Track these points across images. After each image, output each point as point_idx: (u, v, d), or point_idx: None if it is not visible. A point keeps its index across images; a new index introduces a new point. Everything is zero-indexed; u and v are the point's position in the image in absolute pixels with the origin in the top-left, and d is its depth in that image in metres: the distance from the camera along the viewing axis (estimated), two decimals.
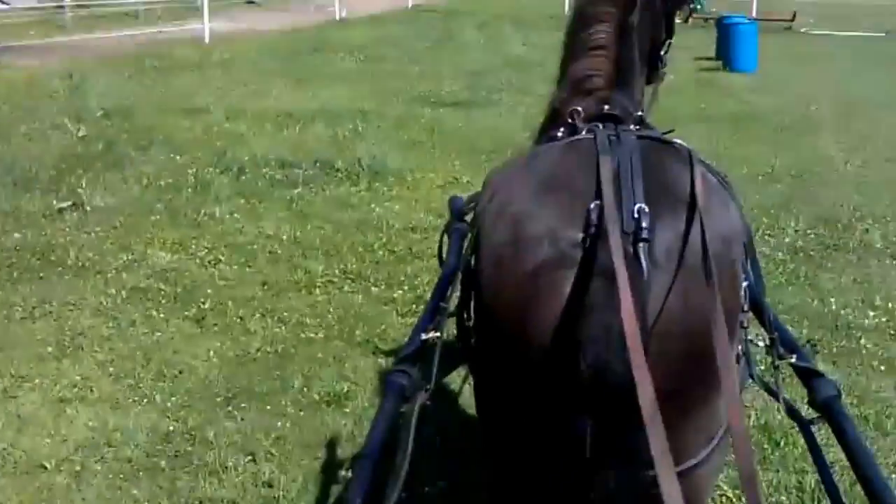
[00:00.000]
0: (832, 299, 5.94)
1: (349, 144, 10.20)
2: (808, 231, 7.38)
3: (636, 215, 1.87)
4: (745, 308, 2.19)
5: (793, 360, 2.27)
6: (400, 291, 6.04)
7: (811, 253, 6.90)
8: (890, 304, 5.86)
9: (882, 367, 5.02)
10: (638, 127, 2.37)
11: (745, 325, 2.21)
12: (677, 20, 3.28)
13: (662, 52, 2.97)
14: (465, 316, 2.22)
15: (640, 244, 1.84)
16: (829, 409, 2.12)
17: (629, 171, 1.97)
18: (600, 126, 2.22)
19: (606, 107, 2.42)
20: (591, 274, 1.83)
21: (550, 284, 1.89)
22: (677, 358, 1.86)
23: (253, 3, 30.19)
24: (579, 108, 2.37)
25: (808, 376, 2.24)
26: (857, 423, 2.17)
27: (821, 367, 4.83)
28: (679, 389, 1.85)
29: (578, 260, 1.87)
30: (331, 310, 5.75)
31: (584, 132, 2.22)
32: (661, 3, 2.84)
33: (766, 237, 7.20)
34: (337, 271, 6.39)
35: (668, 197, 1.95)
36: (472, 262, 2.12)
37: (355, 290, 6.09)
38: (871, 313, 5.74)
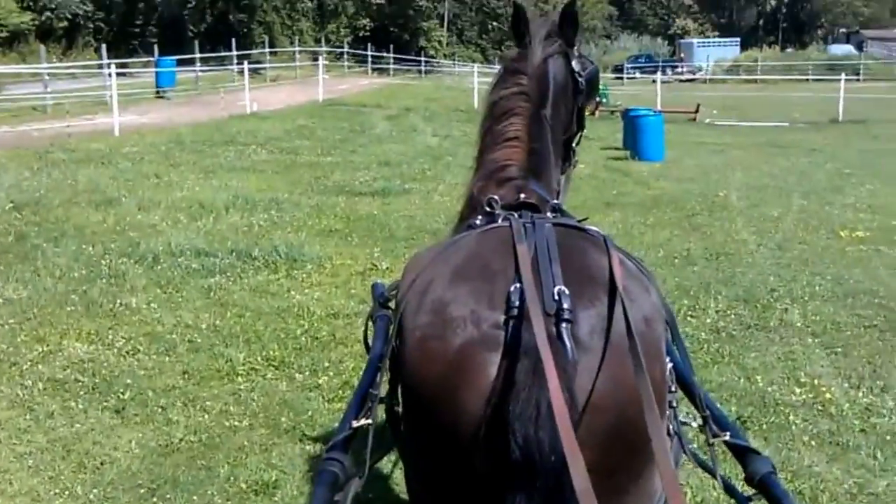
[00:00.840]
0: (758, 377, 6.00)
1: (265, 233, 10.11)
2: (729, 311, 7.48)
3: (556, 297, 1.90)
4: (673, 388, 2.25)
5: (726, 438, 2.28)
6: (325, 377, 5.92)
7: (733, 332, 6.98)
8: (815, 381, 5.93)
9: (813, 443, 5.04)
10: (555, 214, 2.45)
11: (675, 404, 2.25)
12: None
13: (574, 144, 3.17)
14: (394, 401, 2.23)
15: (563, 324, 1.87)
16: (766, 485, 2.14)
17: (546, 256, 2.02)
18: (516, 214, 2.28)
19: (522, 195, 2.52)
20: (515, 354, 1.85)
21: (475, 366, 1.90)
22: (606, 435, 1.87)
23: (163, 97, 30.09)
24: (496, 197, 2.44)
25: (743, 453, 2.26)
26: (793, 497, 2.16)
27: (752, 444, 4.91)
28: (611, 467, 1.86)
29: (502, 341, 1.89)
30: (254, 397, 5.60)
31: (500, 219, 2.29)
32: (573, 97, 2.99)
33: (689, 318, 7.29)
34: (259, 359, 6.24)
35: (586, 279, 2.00)
36: (397, 346, 2.12)
37: (279, 378, 5.94)
38: (798, 390, 5.80)
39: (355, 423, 2.23)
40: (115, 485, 4.50)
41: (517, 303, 1.88)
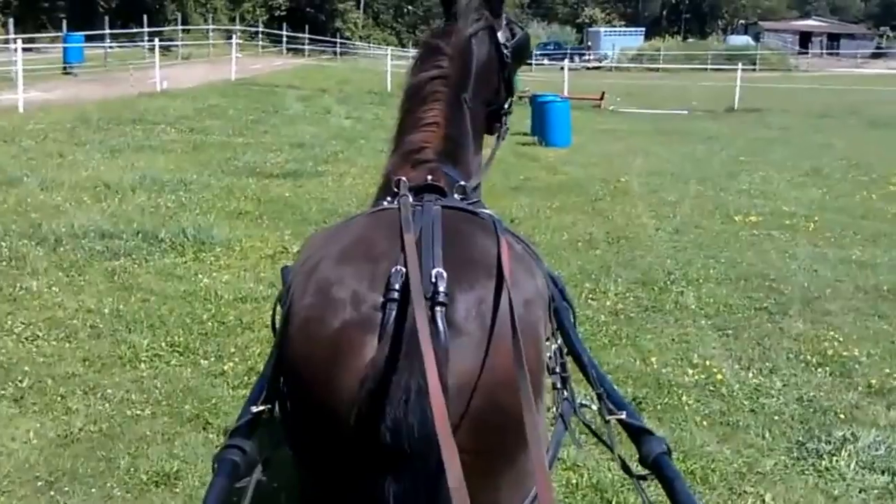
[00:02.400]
0: (653, 359, 6.20)
1: (173, 215, 9.98)
2: (627, 294, 7.71)
3: (434, 280, 1.91)
4: (558, 369, 2.30)
5: (622, 417, 2.30)
6: (231, 364, 5.85)
7: (631, 315, 7.20)
8: (707, 362, 6.15)
9: (704, 423, 5.24)
10: (462, 197, 2.50)
11: (559, 386, 2.31)
12: None
13: (507, 108, 3.11)
14: (280, 382, 2.20)
15: (438, 307, 1.88)
16: (659, 466, 2.15)
17: (430, 239, 2.04)
18: (411, 197, 2.30)
19: (430, 177, 2.49)
20: (389, 336, 1.86)
21: (352, 347, 1.91)
22: (477, 418, 1.89)
23: (70, 73, 29.24)
24: (404, 178, 2.44)
25: (638, 434, 2.26)
26: (684, 478, 2.23)
27: (647, 425, 5.11)
28: (482, 449, 1.89)
29: (379, 322, 1.90)
30: (157, 385, 5.51)
31: (394, 203, 2.30)
32: (498, 73, 2.95)
33: (590, 300, 7.49)
34: (163, 344, 6.15)
35: (467, 263, 2.02)
36: (283, 327, 2.13)
37: (183, 364, 5.87)
38: (691, 371, 6.01)
39: (254, 409, 2.19)
40: (12, 477, 4.38)
41: (396, 285, 1.89)
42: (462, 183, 2.58)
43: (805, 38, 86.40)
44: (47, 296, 7.08)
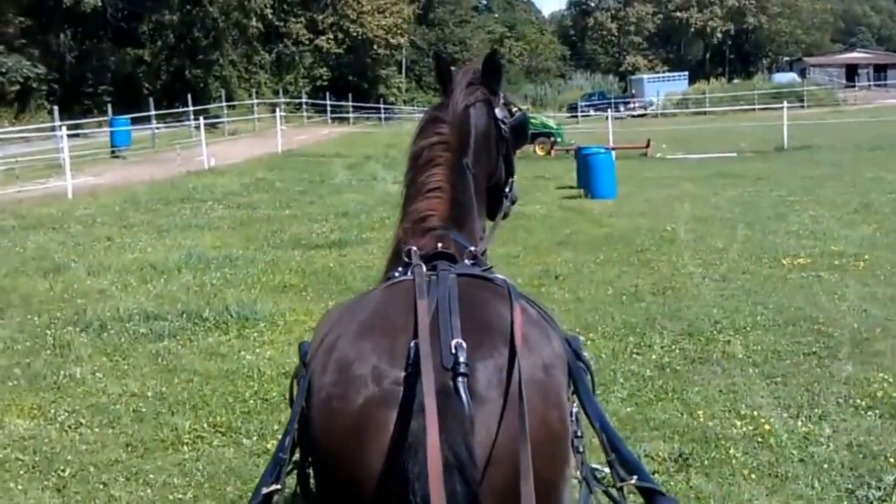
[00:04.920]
0: (700, 412, 6.05)
1: (217, 292, 10.06)
2: (673, 346, 7.57)
3: (454, 351, 1.93)
4: (580, 433, 2.29)
5: (633, 481, 2.27)
6: (273, 441, 5.73)
7: (677, 367, 7.06)
8: (755, 413, 5.99)
9: (752, 476, 5.09)
10: (473, 262, 2.51)
11: (581, 449, 2.29)
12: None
13: (507, 190, 3.14)
14: (305, 462, 2.23)
15: (460, 378, 1.90)
16: None
17: (447, 309, 2.06)
18: (424, 266, 2.32)
19: (440, 245, 2.53)
20: (411, 412, 1.88)
21: (376, 424, 1.94)
22: (505, 488, 1.89)
23: (118, 157, 30.04)
24: (414, 248, 2.47)
25: (650, 495, 2.24)
26: None
27: (694, 480, 4.99)
28: None
29: (401, 398, 1.92)
30: (199, 467, 5.51)
31: (409, 272, 2.32)
32: (497, 145, 3.00)
33: (635, 355, 7.38)
34: (205, 425, 6.16)
35: (485, 331, 2.04)
36: (305, 406, 2.15)
37: (225, 444, 5.86)
38: (738, 423, 5.86)
39: (265, 490, 2.19)
40: None
41: (414, 359, 1.93)
42: (472, 249, 2.61)
43: (851, 71, 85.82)
44: (91, 382, 7.15)
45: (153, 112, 34.92)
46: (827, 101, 62.65)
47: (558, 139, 30.68)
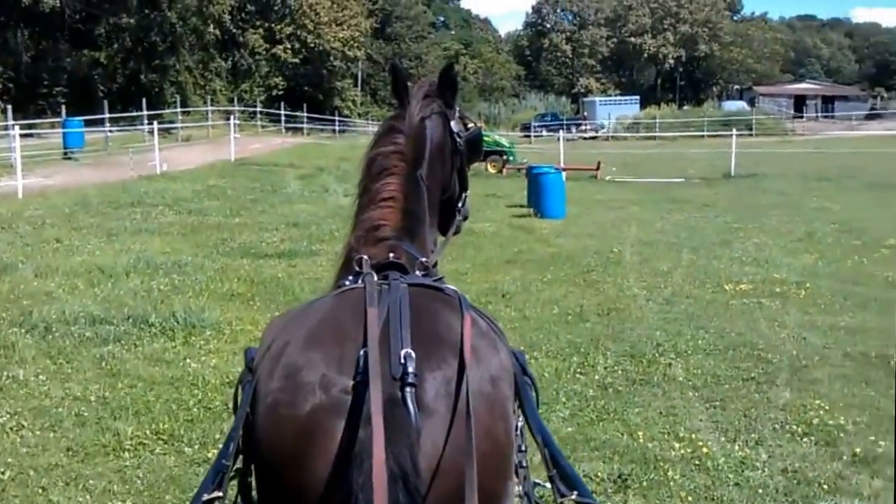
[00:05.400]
0: (640, 433, 6.15)
1: (165, 298, 9.98)
2: (616, 367, 7.68)
3: (403, 361, 1.93)
4: (524, 447, 2.30)
5: (573, 497, 2.25)
6: (214, 451, 5.68)
7: (619, 388, 7.17)
8: (693, 436, 6.10)
9: (689, 499, 5.18)
10: (424, 273, 2.50)
11: (525, 464, 2.29)
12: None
13: (460, 205, 3.13)
14: (247, 470, 2.21)
15: (408, 388, 1.90)
16: None
17: (398, 318, 2.05)
18: (375, 275, 2.31)
19: (392, 255, 2.52)
20: (358, 421, 1.88)
21: (323, 431, 1.92)
22: (449, 498, 1.89)
23: (70, 158, 29.64)
24: (365, 257, 2.47)
25: None
26: None
27: (632, 501, 5.08)
28: None
29: (349, 407, 1.92)
30: (140, 474, 5.48)
31: (358, 281, 2.32)
32: (451, 158, 2.99)
33: (578, 375, 7.47)
34: (148, 432, 6.11)
35: (435, 341, 2.05)
36: (250, 413, 2.13)
37: (167, 452, 5.83)
38: (677, 445, 5.96)
39: (206, 497, 2.14)
40: None
41: (363, 367, 1.92)
42: (423, 259, 2.60)
43: (800, 102, 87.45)
44: (34, 384, 7.06)
45: (107, 115, 34.46)
46: (775, 130, 63.79)
47: (510, 158, 30.89)
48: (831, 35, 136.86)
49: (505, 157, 30.53)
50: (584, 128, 66.37)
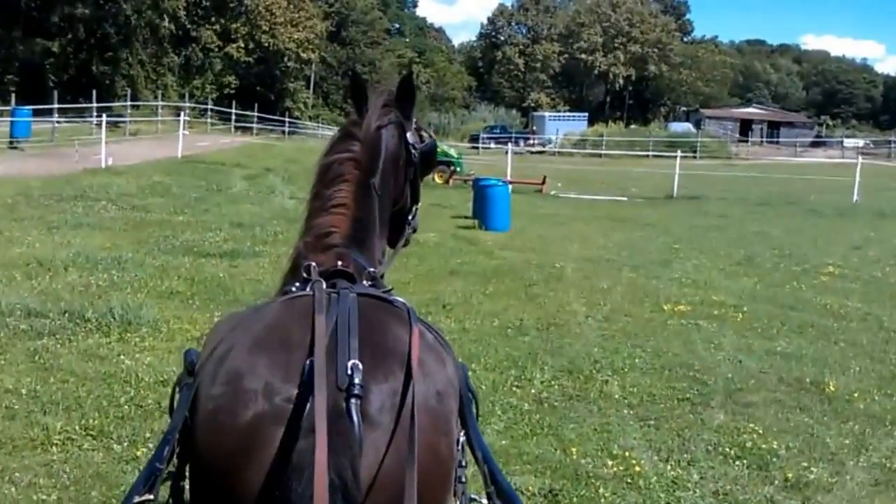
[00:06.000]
0: (574, 449, 6.17)
1: (102, 294, 9.84)
2: (553, 382, 7.71)
3: (349, 371, 1.93)
4: (464, 462, 2.30)
5: None
6: (144, 449, 5.70)
7: (555, 403, 7.20)
8: (627, 453, 6.14)
9: None
10: (372, 283, 2.50)
11: (464, 479, 2.30)
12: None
13: (410, 217, 3.12)
14: (180, 475, 2.19)
15: (353, 400, 1.89)
16: None
17: (346, 328, 2.04)
18: (324, 283, 2.29)
19: (340, 263, 2.51)
20: (299, 431, 1.87)
21: (264, 440, 1.91)
22: None
23: (16, 148, 29.09)
24: (314, 264, 2.45)
25: None
26: None
27: None
28: None
29: (291, 416, 1.90)
30: (67, 469, 5.40)
31: (308, 288, 2.30)
32: (405, 169, 2.98)
33: (514, 388, 7.50)
34: (77, 427, 6.02)
35: (382, 353, 2.04)
36: (189, 417, 2.10)
37: (95, 448, 5.75)
38: (610, 462, 5.99)
39: (138, 499, 2.11)
40: None
41: (308, 377, 1.90)
42: (371, 270, 2.60)
43: (746, 126, 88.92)
44: None
45: (56, 105, 33.84)
46: (720, 153, 64.81)
47: (457, 168, 31.00)
48: (780, 61, 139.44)
49: (452, 167, 30.61)
50: (532, 142, 66.92)
